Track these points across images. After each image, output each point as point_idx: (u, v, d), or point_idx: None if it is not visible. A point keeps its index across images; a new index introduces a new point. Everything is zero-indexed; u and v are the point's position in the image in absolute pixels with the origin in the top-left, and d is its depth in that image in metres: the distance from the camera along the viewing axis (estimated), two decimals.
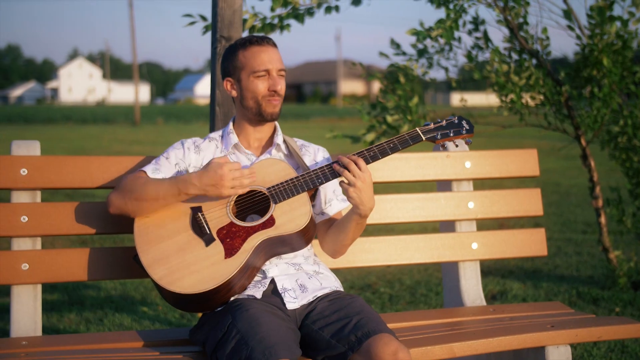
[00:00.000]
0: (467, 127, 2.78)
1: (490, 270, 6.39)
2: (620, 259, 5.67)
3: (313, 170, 2.69)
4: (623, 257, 5.79)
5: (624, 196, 7.44)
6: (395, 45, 5.59)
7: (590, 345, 4.38)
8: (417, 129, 2.74)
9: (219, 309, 2.62)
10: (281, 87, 2.80)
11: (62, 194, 10.31)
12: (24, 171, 2.85)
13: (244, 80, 2.78)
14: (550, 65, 5.41)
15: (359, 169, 2.62)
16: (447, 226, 3.35)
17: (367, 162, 2.68)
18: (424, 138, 2.74)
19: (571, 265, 6.50)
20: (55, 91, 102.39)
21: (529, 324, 2.89)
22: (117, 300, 5.49)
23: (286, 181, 2.67)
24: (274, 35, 4.69)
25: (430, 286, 5.87)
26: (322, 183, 2.69)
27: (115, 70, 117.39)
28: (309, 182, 2.68)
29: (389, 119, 5.06)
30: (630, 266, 5.62)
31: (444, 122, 2.78)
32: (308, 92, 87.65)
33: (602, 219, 5.64)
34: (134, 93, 42.61)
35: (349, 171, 2.63)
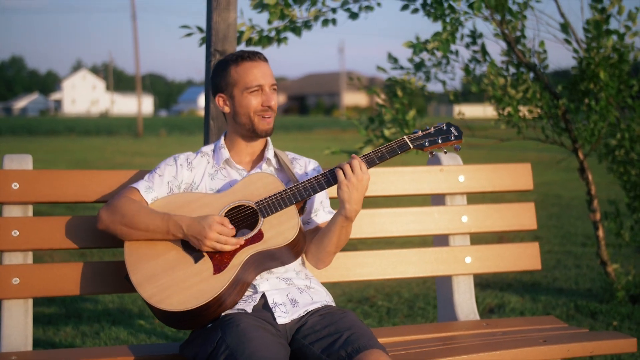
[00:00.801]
0: (456, 134, 2.78)
1: (489, 283, 6.37)
2: (618, 273, 5.66)
3: (301, 183, 2.69)
4: (621, 271, 5.77)
5: (622, 209, 7.42)
6: (392, 59, 5.60)
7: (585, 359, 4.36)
8: (405, 137, 2.74)
9: (210, 325, 2.61)
10: (274, 102, 2.81)
11: (63, 207, 10.32)
12: (15, 185, 2.86)
13: (237, 96, 2.78)
14: (548, 79, 5.41)
15: (361, 169, 2.64)
16: (440, 240, 3.35)
17: None
18: (411, 146, 2.74)
19: (570, 279, 6.48)
20: (58, 103, 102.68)
21: (521, 339, 2.88)
22: (115, 314, 5.48)
23: (274, 195, 2.67)
24: (272, 48, 4.70)
25: (429, 299, 5.85)
26: (310, 195, 2.68)
27: (119, 82, 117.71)
28: (296, 195, 2.68)
29: (387, 132, 5.06)
30: (628, 279, 5.60)
31: (432, 130, 2.78)
32: (311, 104, 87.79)
33: (600, 232, 5.63)
34: (137, 105, 42.69)
35: (351, 167, 2.64)
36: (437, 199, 3.37)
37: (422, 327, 3.17)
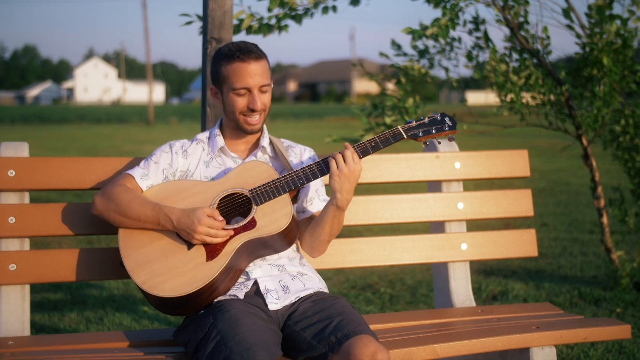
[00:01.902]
0: (450, 124, 2.78)
1: (493, 270, 6.37)
2: (622, 260, 5.64)
3: (295, 171, 2.70)
4: (626, 258, 5.76)
5: (627, 196, 7.40)
6: (396, 46, 5.58)
7: (587, 346, 4.36)
8: (399, 127, 2.75)
9: (202, 311, 2.63)
10: (262, 103, 2.78)
11: (71, 194, 10.37)
12: (11, 172, 2.88)
13: (225, 93, 2.79)
14: (551, 65, 5.38)
15: (353, 160, 2.65)
16: (437, 227, 3.35)
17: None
18: (405, 136, 2.74)
19: (575, 266, 6.47)
20: (71, 91, 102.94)
21: (515, 325, 2.89)
22: (119, 300, 5.51)
23: (267, 183, 2.68)
24: (272, 36, 4.68)
25: (431, 286, 5.86)
26: (303, 184, 2.69)
27: (131, 70, 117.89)
28: (290, 183, 2.69)
29: (387, 120, 5.05)
30: (633, 266, 5.59)
31: (426, 120, 2.78)
32: (322, 92, 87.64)
33: (605, 219, 5.61)
34: (148, 93, 42.77)
35: (343, 157, 2.64)
36: (433, 186, 3.37)
37: (417, 314, 3.18)
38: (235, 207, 2.73)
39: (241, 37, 4.93)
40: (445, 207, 3.28)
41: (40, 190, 2.94)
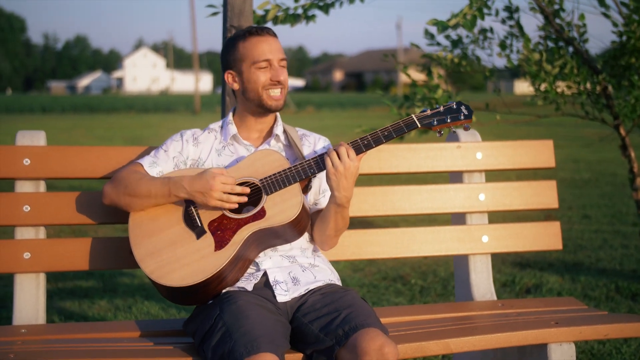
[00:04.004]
0: (466, 113, 2.70)
1: (529, 262, 6.25)
2: None
3: (306, 161, 2.66)
4: None
5: None
6: (429, 35, 5.49)
7: (620, 342, 4.24)
8: (413, 115, 2.68)
9: (211, 301, 2.61)
10: (284, 77, 2.77)
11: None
12: (26, 161, 2.89)
13: (245, 71, 2.75)
14: (587, 53, 5.24)
15: (348, 156, 2.59)
16: (457, 219, 3.28)
17: (361, 151, 2.63)
18: (419, 125, 2.68)
19: (615, 259, 6.31)
20: (120, 81, 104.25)
21: (534, 320, 2.81)
22: (149, 288, 5.54)
23: (278, 172, 2.64)
24: (300, 26, 4.65)
25: None
26: (314, 173, 2.65)
27: (179, 59, 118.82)
28: (300, 173, 2.64)
29: (417, 111, 4.97)
30: None
31: (441, 108, 2.71)
32: (368, 81, 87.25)
33: None
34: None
35: (338, 155, 2.59)
36: (455, 177, 3.30)
37: (435, 307, 3.12)
38: (248, 195, 2.69)
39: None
40: (466, 198, 3.21)
41: (56, 178, 2.95)
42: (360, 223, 7.40)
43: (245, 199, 2.60)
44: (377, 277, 5.84)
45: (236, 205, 2.60)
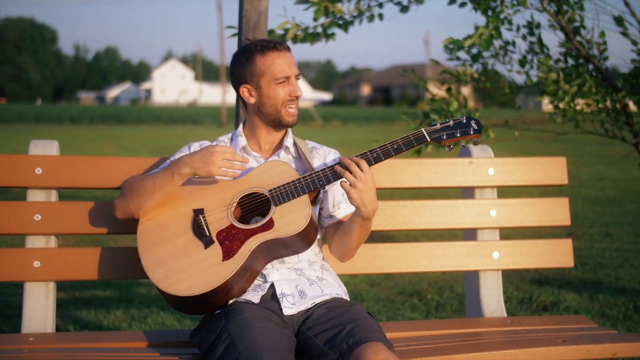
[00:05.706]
0: (476, 128, 2.70)
1: (548, 280, 6.20)
2: None
3: (315, 172, 2.66)
4: None
5: None
6: (448, 49, 5.48)
7: None
8: (423, 129, 2.68)
9: (217, 311, 2.62)
10: (300, 92, 2.79)
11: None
12: (38, 170, 2.92)
13: (264, 86, 2.76)
14: (607, 71, 5.20)
15: (361, 170, 2.58)
16: (469, 234, 3.26)
17: (370, 164, 2.63)
18: (428, 139, 2.67)
19: (635, 278, 6.24)
20: (149, 92, 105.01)
21: (542, 338, 2.78)
22: None
23: (287, 183, 2.65)
24: (319, 45, 4.67)
25: None
26: (323, 185, 2.65)
27: (207, 72, 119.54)
28: (310, 184, 2.65)
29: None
30: None
31: (451, 122, 2.70)
32: (396, 96, 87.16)
33: None
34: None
35: (350, 172, 2.58)
36: (466, 192, 3.29)
37: (444, 323, 3.10)
38: (255, 207, 2.71)
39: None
40: (477, 214, 3.19)
41: (67, 188, 2.98)
42: (371, 237, 7.38)
43: (245, 167, 2.62)
44: (393, 292, 5.82)
45: (237, 173, 2.63)
